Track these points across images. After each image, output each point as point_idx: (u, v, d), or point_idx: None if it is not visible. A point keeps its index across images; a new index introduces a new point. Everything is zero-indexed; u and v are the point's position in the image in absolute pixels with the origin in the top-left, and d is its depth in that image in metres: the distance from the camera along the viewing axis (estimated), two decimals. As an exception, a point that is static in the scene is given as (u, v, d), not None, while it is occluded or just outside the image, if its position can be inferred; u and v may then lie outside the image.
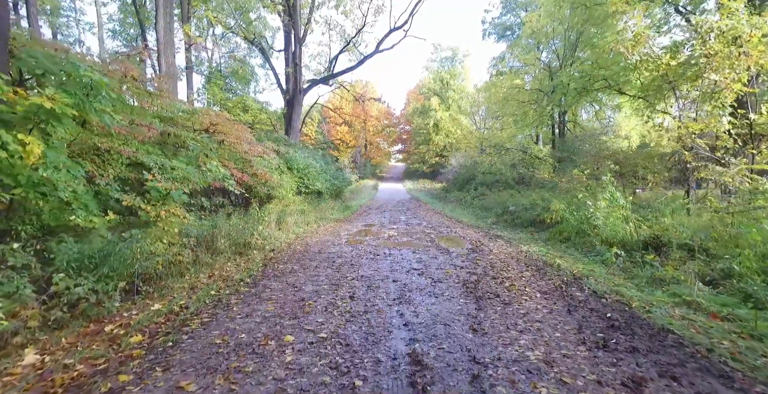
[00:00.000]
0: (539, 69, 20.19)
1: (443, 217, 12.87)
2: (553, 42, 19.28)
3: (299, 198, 11.11)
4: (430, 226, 10.33)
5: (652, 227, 6.26)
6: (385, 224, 10.88)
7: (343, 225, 10.63)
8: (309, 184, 11.48)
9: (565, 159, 15.76)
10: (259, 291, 4.26)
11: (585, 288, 4.38)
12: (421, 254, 6.52)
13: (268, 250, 6.80)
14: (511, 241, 7.81)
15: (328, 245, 7.45)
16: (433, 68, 39.84)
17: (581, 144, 15.93)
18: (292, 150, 11.90)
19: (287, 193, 10.49)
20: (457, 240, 8.07)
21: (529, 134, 22.83)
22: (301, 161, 11.46)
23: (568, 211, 8.09)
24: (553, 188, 12.01)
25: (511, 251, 6.79)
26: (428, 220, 11.84)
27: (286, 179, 10.81)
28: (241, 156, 8.95)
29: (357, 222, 11.35)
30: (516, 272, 5.20)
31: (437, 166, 35.74)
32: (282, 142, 13.11)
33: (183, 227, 5.65)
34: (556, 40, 18.93)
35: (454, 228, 9.89)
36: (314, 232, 9.21)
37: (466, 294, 4.17)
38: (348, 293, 4.23)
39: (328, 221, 11.39)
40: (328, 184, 13.18)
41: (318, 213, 11.98)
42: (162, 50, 9.32)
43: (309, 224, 10.32)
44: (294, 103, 17.00)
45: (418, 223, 11.05)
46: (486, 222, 10.93)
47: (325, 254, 6.55)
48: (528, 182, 16.94)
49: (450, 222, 11.29)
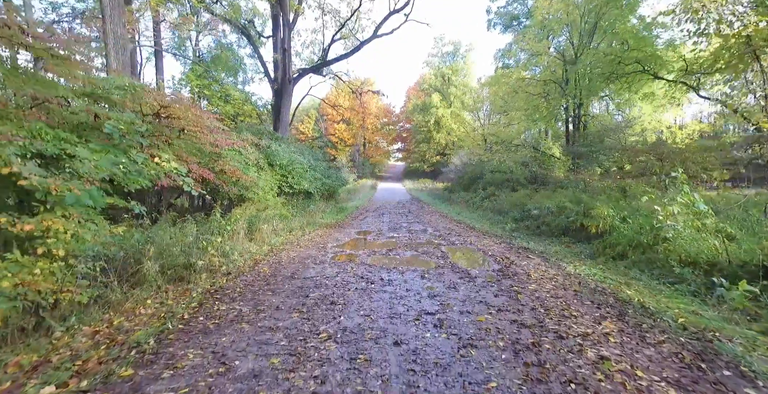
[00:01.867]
0: (551, 58, 18.30)
1: (451, 221, 10.96)
2: (567, 29, 17.38)
3: (281, 200, 9.19)
4: (437, 234, 8.42)
5: (761, 244, 4.34)
6: (383, 230, 8.96)
7: (333, 232, 8.71)
8: (294, 183, 9.56)
9: (584, 155, 13.85)
10: (144, 380, 2.33)
11: (732, 363, 2.47)
12: (433, 280, 4.60)
13: (223, 273, 4.87)
14: (546, 257, 5.90)
15: (307, 263, 5.53)
16: (434, 64, 37.87)
17: (604, 138, 13.98)
18: (275, 144, 9.98)
19: (266, 194, 8.57)
20: (477, 255, 6.16)
21: (539, 130, 20.93)
22: (285, 156, 9.54)
23: (618, 217, 6.19)
24: (583, 189, 10.08)
25: (556, 274, 4.88)
26: (434, 225, 9.93)
27: (266, 177, 8.89)
28: (205, 148, 7.05)
29: (350, 228, 9.43)
30: (587, 320, 3.28)
31: (438, 165, 33.82)
32: (266, 135, 11.19)
33: (80, 247, 3.72)
34: (569, 27, 17.02)
35: (467, 236, 7.98)
36: (295, 242, 7.29)
37: (530, 383, 2.25)
38: (312, 376, 2.31)
39: (317, 226, 9.48)
40: (318, 184, 11.26)
41: (305, 217, 10.06)
42: (108, 16, 7.36)
43: (292, 232, 8.41)
44: (283, 94, 15.06)
45: (422, 229, 9.14)
46: (504, 229, 9.02)
47: (298, 279, 4.63)
48: (542, 181, 15.04)
49: (460, 228, 9.37)
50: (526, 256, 5.96)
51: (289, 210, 9.32)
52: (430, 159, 35.60)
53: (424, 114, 35.77)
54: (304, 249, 6.65)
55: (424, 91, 37.61)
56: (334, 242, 7.45)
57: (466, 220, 11.01)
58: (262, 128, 12.23)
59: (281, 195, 9.45)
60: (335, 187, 13.65)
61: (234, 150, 8.72)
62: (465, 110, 32.12)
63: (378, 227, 9.59)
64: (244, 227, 6.79)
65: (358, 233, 8.81)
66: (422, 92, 37.74)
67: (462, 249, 6.70)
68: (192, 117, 6.48)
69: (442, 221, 10.93)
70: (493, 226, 9.66)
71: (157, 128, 6.48)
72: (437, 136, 34.70)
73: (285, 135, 14.59)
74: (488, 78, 27.12)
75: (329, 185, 12.79)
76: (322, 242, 7.44)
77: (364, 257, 5.95)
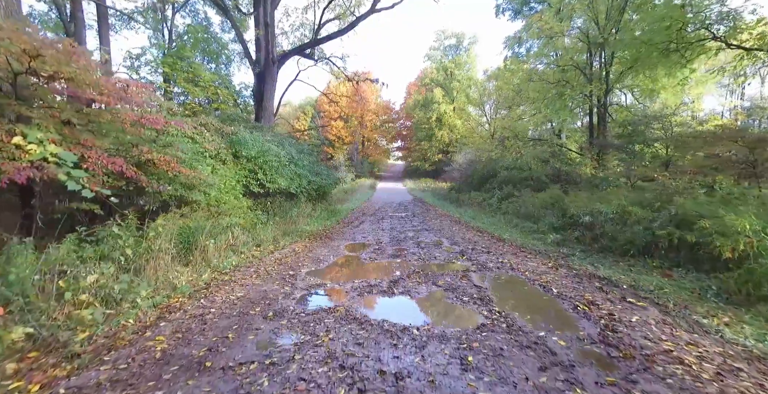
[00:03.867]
0: (572, 40, 15.96)
1: (468, 229, 8.55)
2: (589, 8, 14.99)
3: (247, 202, 6.78)
4: (456, 249, 6.03)
5: None
6: (383, 243, 6.55)
7: (315, 247, 6.30)
8: (266, 180, 7.14)
9: (619, 148, 11.47)
10: None
11: None
12: (485, 370, 2.20)
13: (77, 351, 2.47)
14: (656, 301, 3.50)
15: (251, 317, 3.12)
16: (435, 57, 35.37)
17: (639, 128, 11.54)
18: (244, 130, 7.58)
19: (224, 194, 6.16)
20: (535, 296, 3.75)
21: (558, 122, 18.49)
22: (254, 146, 7.12)
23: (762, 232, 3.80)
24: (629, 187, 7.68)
25: (709, 345, 2.50)
26: (449, 234, 7.53)
27: (226, 173, 6.48)
28: (124, 128, 4.71)
29: (340, 240, 7.02)
30: None
31: (441, 163, 31.42)
32: (240, 122, 8.79)
33: None
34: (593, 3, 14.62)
35: (501, 254, 5.58)
36: (255, 266, 4.89)
37: None
38: None
39: (297, 237, 7.09)
40: (303, 182, 8.86)
41: (284, 225, 7.66)
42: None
43: (261, 246, 6.03)
44: (266, 78, 12.63)
45: (434, 240, 6.74)
46: (544, 241, 6.61)
47: (210, 374, 2.24)
48: (568, 180, 12.69)
49: (485, 240, 6.98)
50: (621, 298, 3.55)
51: (259, 216, 6.90)
52: (432, 157, 33.14)
53: (425, 110, 33.32)
54: (262, 281, 4.24)
55: (425, 86, 35.15)
56: (312, 264, 5.05)
57: (487, 227, 8.60)
58: (236, 114, 9.82)
59: (248, 196, 7.03)
60: (326, 187, 11.26)
61: (184, 135, 6.36)
62: (470, 104, 29.66)
63: (376, 238, 7.19)
64: (172, 246, 4.37)
65: (349, 247, 6.41)
66: (423, 87, 35.28)
67: (504, 280, 4.30)
68: (83, 74, 4.08)
69: (458, 229, 8.52)
70: (526, 236, 7.26)
71: (35, 92, 4.11)
72: (439, 134, 32.25)
73: (269, 125, 12.19)
74: (496, 70, 24.76)
75: (319, 184, 10.39)
76: (296, 264, 5.03)
77: (353, 301, 3.55)
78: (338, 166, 29.74)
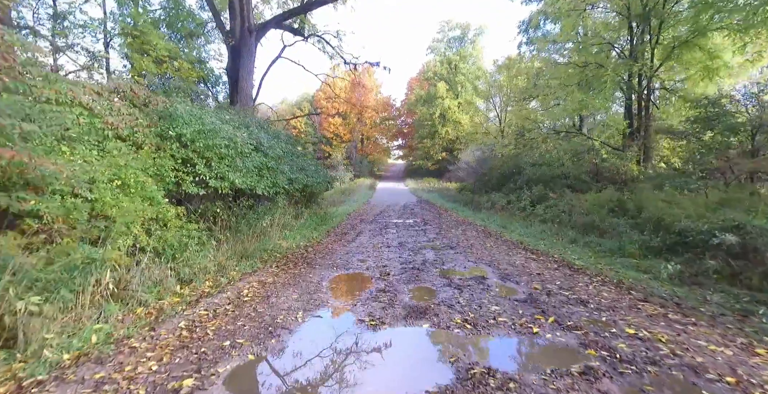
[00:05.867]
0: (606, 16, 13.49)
1: (508, 245, 5.94)
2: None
3: (177, 209, 4.16)
4: (520, 291, 3.44)
5: None
6: (391, 278, 3.92)
7: (278, 287, 3.68)
8: (209, 174, 4.53)
9: (689, 136, 8.90)
10: None
11: None
12: None
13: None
14: None
15: None
16: (439, 49, 32.73)
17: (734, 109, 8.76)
18: (183, 105, 4.97)
19: (126, 197, 3.56)
20: None
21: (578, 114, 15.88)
22: (192, 123, 4.51)
23: None
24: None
25: None
26: (488, 257, 4.93)
27: (136, 163, 3.88)
28: None
29: (323, 268, 4.39)
30: None
31: (444, 162, 28.84)
32: (183, 94, 6.20)
33: None
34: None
35: (607, 308, 2.98)
36: (116, 356, 2.27)
37: None
38: None
39: (259, 261, 4.51)
40: (280, 180, 6.27)
41: (243, 243, 5.05)
42: None
43: (191, 284, 3.44)
44: (242, 52, 10.02)
45: (473, 273, 4.13)
46: (655, 276, 3.98)
47: None
48: (613, 179, 10.18)
49: (551, 270, 4.36)
50: None
51: (197, 231, 4.29)
52: (435, 156, 30.52)
53: (428, 106, 30.69)
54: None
55: (428, 80, 32.53)
56: (251, 343, 2.44)
57: (534, 243, 5.98)
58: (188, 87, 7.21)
59: (174, 200, 4.43)
60: (315, 187, 8.67)
61: (77, 105, 3.80)
62: (479, 96, 27.01)
63: (380, 263, 4.60)
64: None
65: (335, 284, 3.82)
66: (426, 82, 32.66)
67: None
68: None
69: (493, 245, 5.92)
70: (607, 261, 4.65)
71: None
72: (443, 130, 29.63)
73: (248, 107, 9.58)
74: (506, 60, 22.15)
75: (303, 183, 7.79)
76: (215, 346, 2.43)
77: None
78: (336, 166, 27.17)
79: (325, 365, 2.20)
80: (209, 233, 4.56)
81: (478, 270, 4.36)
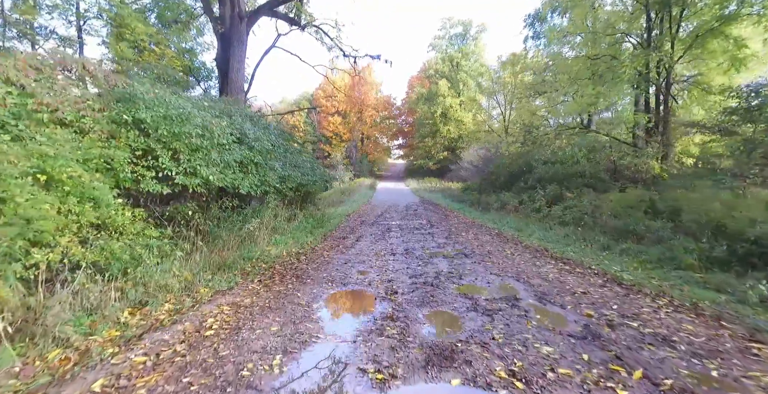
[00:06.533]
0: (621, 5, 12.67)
1: (531, 253, 5.09)
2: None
3: (138, 212, 3.32)
4: (570, 320, 2.59)
5: None
6: (399, 297, 3.05)
7: (255, 313, 2.80)
8: (175, 169, 3.70)
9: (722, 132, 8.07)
10: None
11: None
12: None
13: None
14: None
15: None
16: (441, 47, 31.85)
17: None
18: (144, 86, 4.12)
19: (60, 202, 2.71)
20: None
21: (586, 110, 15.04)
22: (153, 106, 3.67)
23: None
24: None
25: None
26: (512, 269, 4.09)
27: (75, 156, 3.04)
28: None
29: (316, 283, 3.53)
30: None
31: (446, 161, 28.00)
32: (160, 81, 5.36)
33: None
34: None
35: (712, 354, 2.18)
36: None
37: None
38: None
39: (239, 274, 3.67)
40: (270, 177, 5.44)
41: (220, 251, 4.21)
42: None
43: (146, 307, 2.59)
44: (232, 40, 9.18)
45: (501, 292, 3.28)
46: (742, 300, 3.13)
47: None
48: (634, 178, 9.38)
49: (594, 287, 3.52)
50: None
51: (161, 239, 3.44)
52: (437, 155, 29.66)
53: (429, 104, 29.82)
54: None
55: (429, 78, 31.68)
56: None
57: (559, 250, 5.14)
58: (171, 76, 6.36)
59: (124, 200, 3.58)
60: (310, 186, 7.83)
61: None
62: (483, 93, 26.12)
63: (384, 276, 3.76)
64: None
65: (332, 307, 2.98)
66: (427, 80, 31.81)
67: None
68: None
69: (513, 252, 5.07)
70: (660, 273, 3.81)
71: None
72: (444, 129, 28.77)
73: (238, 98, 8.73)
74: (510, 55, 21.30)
75: (297, 182, 6.95)
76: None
77: None
78: (336, 165, 26.36)
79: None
80: (175, 240, 3.70)
81: (505, 287, 3.52)
